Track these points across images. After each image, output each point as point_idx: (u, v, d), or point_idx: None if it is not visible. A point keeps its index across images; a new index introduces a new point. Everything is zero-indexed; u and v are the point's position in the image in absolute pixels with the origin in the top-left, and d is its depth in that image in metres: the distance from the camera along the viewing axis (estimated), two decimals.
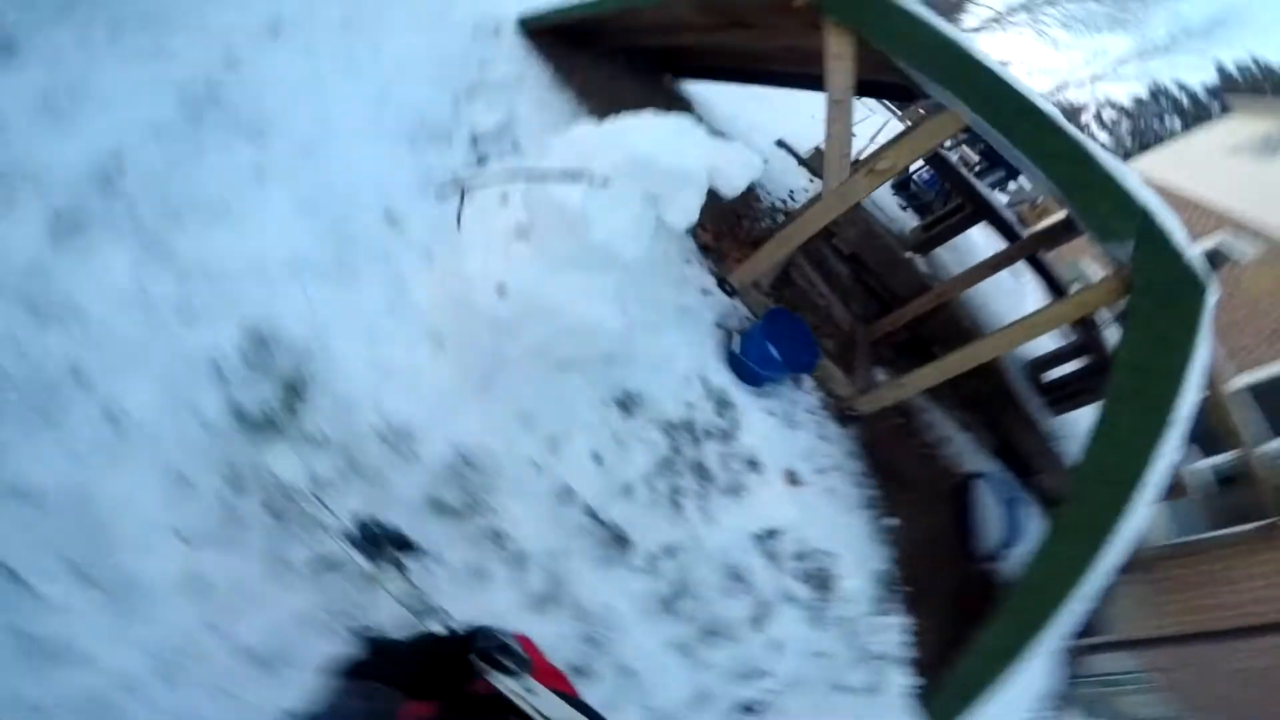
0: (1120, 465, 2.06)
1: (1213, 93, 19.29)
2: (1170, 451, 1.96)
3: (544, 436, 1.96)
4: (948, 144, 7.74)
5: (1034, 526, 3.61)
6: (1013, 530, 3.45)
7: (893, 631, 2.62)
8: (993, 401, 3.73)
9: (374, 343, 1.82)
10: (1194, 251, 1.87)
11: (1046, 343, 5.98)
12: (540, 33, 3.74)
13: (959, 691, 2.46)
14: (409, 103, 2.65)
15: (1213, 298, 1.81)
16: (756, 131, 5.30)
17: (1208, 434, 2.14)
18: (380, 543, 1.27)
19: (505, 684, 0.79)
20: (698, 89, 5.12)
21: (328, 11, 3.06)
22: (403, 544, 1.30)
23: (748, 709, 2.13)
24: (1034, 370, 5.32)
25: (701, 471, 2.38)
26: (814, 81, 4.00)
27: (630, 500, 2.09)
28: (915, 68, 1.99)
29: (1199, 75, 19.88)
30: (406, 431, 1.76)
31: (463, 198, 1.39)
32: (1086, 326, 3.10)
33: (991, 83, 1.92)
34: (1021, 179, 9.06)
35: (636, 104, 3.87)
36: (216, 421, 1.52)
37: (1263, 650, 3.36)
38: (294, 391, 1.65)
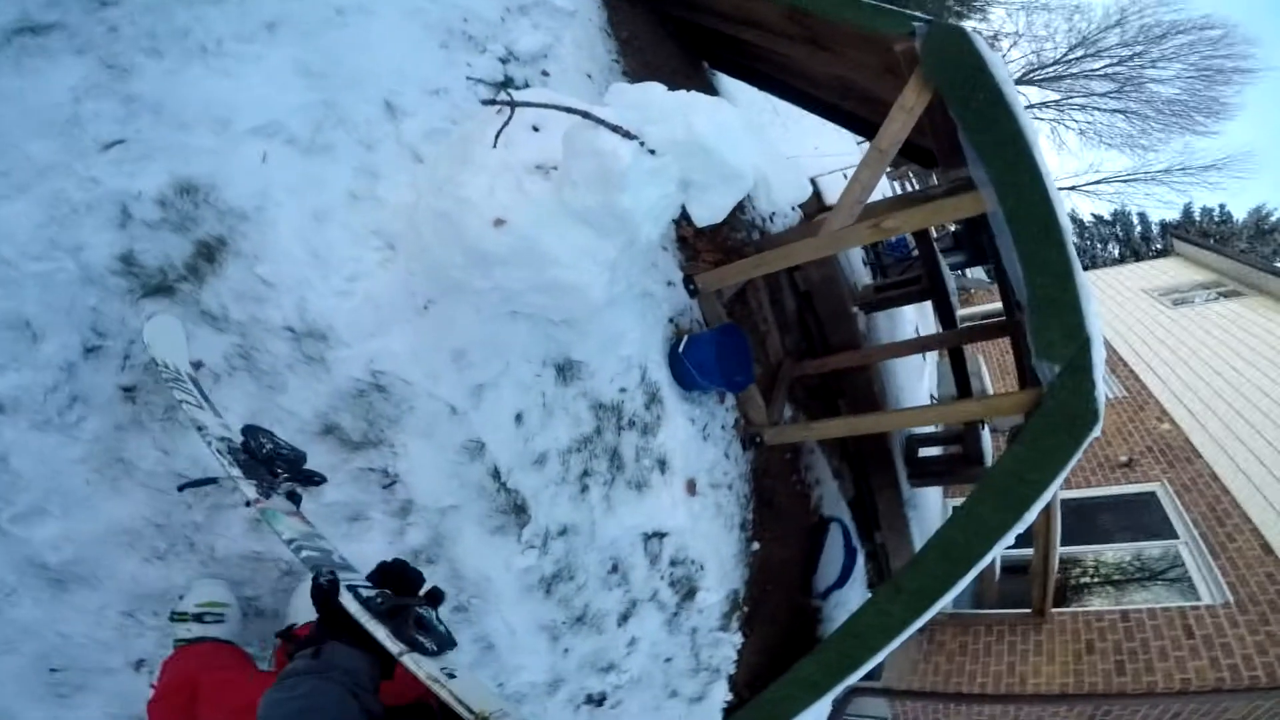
0: (966, 547, 2.35)
1: (1165, 230, 19.78)
2: (1005, 544, 2.30)
3: (471, 382, 1.81)
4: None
5: (860, 576, 4.14)
6: (845, 575, 3.90)
7: (727, 647, 2.83)
8: (870, 459, 4.16)
9: (320, 225, 1.58)
10: (1102, 390, 2.08)
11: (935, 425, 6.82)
12: None
13: (763, 714, 2.69)
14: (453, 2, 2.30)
15: (1097, 433, 2.07)
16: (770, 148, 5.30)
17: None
18: (270, 463, 1.07)
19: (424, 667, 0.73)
20: (727, 83, 5.01)
21: None
22: (300, 472, 1.10)
23: (594, 700, 2.18)
24: (911, 443, 6.03)
25: (615, 459, 2.37)
26: (850, 119, 4.15)
27: (541, 471, 2.02)
28: (974, 144, 2.04)
29: (1165, 212, 20.22)
30: (321, 334, 1.53)
31: (511, 114, 1.20)
32: (971, 423, 3.55)
33: (1036, 184, 1.99)
34: (976, 270, 9.75)
35: (672, 75, 3.74)
36: (99, 268, 1.24)
37: (983, 717, 4.15)
38: (206, 254, 1.39)
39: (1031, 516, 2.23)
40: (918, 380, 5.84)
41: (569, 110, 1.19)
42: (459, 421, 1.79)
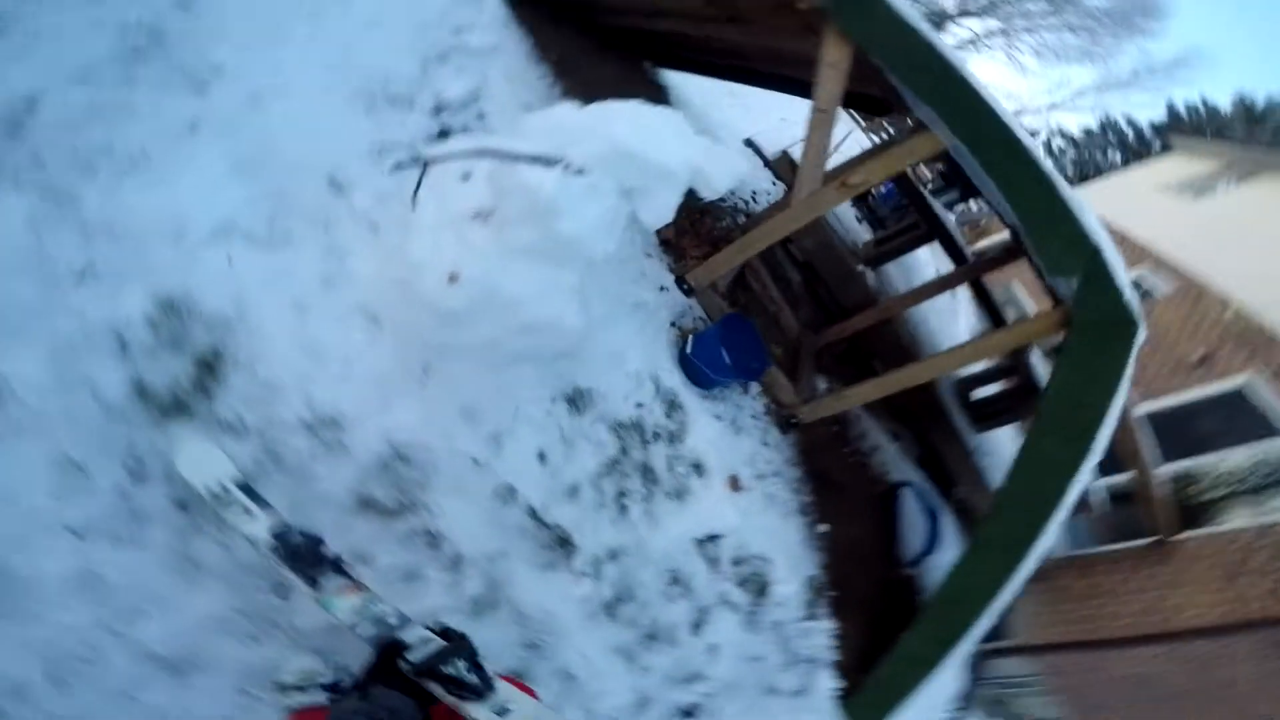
0: (1041, 489, 2.26)
1: (1158, 130, 20.43)
2: (1086, 476, 2.18)
3: (486, 433, 1.90)
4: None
5: (951, 536, 3.96)
6: (932, 539, 3.74)
7: (820, 635, 2.75)
8: (922, 415, 4.02)
9: (304, 318, 1.70)
10: (1132, 292, 2.03)
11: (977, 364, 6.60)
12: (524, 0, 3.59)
13: (879, 695, 2.64)
14: (373, 63, 2.50)
15: (1141, 336, 1.99)
16: (726, 129, 5.36)
17: (1109, 455, 2.41)
18: (302, 555, 1.19)
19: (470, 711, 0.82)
20: (675, 79, 5.13)
21: None
22: (322, 559, 1.21)
23: (686, 713, 2.18)
24: (962, 388, 5.82)
25: (648, 474, 2.40)
26: (792, 85, 4.16)
27: (575, 502, 2.08)
28: (908, 86, 2.05)
29: (1149, 112, 21.26)
30: (335, 421, 1.65)
31: (423, 172, 1.28)
32: (1015, 352, 3.41)
33: (980, 110, 1.99)
34: (973, 202, 9.68)
35: (613, 86, 3.88)
36: (117, 401, 1.38)
37: (1143, 659, 3.83)
38: (208, 369, 1.52)
39: (1102, 441, 2.12)
40: (952, 322, 5.64)
41: (481, 153, 1.24)
42: (484, 472, 1.88)
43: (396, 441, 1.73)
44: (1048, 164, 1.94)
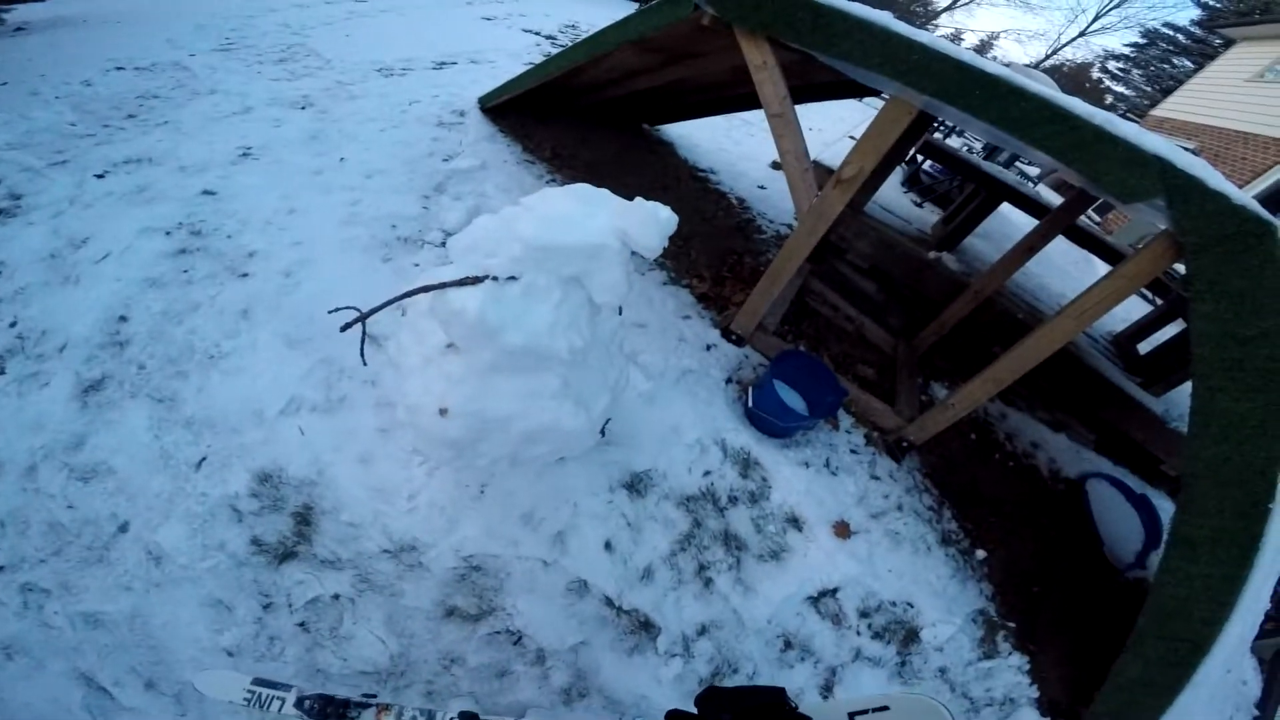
0: (1239, 458, 1.90)
1: (1202, 26, 20.73)
2: None
3: (548, 534, 2.16)
4: (941, 133, 7.72)
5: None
6: (1151, 532, 3.17)
7: (1007, 673, 2.50)
8: (1080, 393, 3.48)
9: (369, 467, 2.14)
10: (1241, 194, 1.75)
11: (1129, 312, 5.65)
12: (502, 110, 4.18)
13: None
14: (379, 210, 3.15)
15: None
16: (748, 160, 5.54)
17: None
18: (326, 711, 1.51)
19: None
20: (675, 130, 5.50)
21: (293, 129, 3.78)
22: (342, 705, 1.53)
23: None
24: (1122, 346, 4.96)
25: (732, 541, 2.46)
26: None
27: (651, 584, 2.21)
28: (838, 60, 2.04)
29: (1181, 14, 21.60)
30: (411, 546, 2.04)
31: (364, 331, 1.55)
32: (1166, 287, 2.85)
33: (927, 58, 1.93)
34: None
35: (614, 160, 4.26)
36: (242, 553, 1.92)
37: None
38: (304, 521, 2.02)
39: None
40: (1080, 281, 4.88)
41: (412, 294, 1.44)
42: (554, 570, 2.12)
43: (467, 555, 2.06)
44: (1046, 91, 1.78)
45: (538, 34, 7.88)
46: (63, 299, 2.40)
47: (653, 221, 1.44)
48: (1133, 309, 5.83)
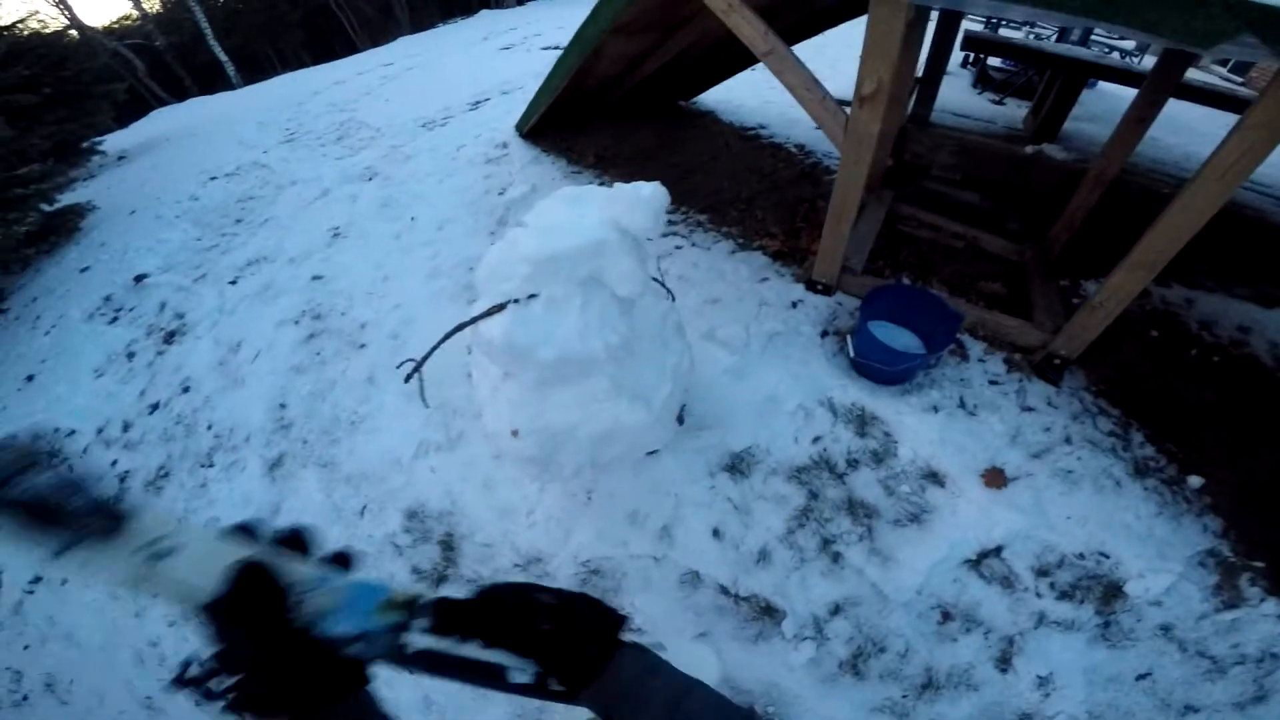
0: None
1: None
2: None
3: (654, 529, 2.29)
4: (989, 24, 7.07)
5: None
6: None
7: (1262, 624, 2.15)
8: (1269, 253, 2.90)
9: (492, 492, 2.48)
10: None
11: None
12: (539, 130, 4.50)
13: None
14: (456, 259, 3.56)
15: None
16: (796, 106, 5.27)
17: None
18: None
19: None
20: (712, 97, 5.56)
21: (367, 202, 4.38)
22: None
23: None
24: None
25: (858, 508, 2.39)
26: (796, 33, 4.13)
27: (768, 566, 2.24)
28: None
29: None
30: (537, 558, 2.30)
31: (420, 374, 1.71)
32: None
33: None
34: None
35: (658, 145, 4.35)
36: (406, 582, 2.34)
37: None
38: (449, 547, 2.40)
39: None
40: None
41: (450, 336, 1.60)
42: (665, 565, 2.24)
43: (585, 560, 2.27)
44: None
45: (556, 48, 8.21)
46: (237, 398, 3.10)
47: (639, 202, 1.51)
48: None
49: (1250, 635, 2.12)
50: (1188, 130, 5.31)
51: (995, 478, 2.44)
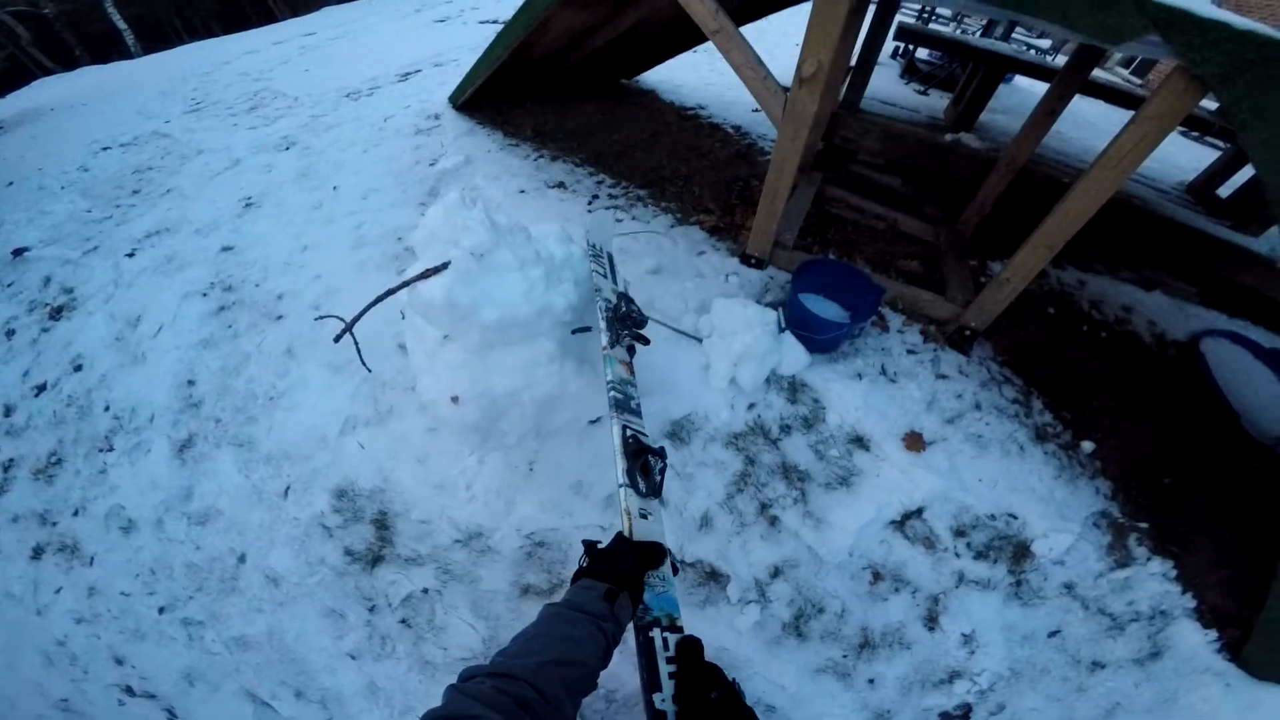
0: None
1: None
2: None
3: (599, 498, 2.24)
4: (921, 17, 7.71)
5: None
6: None
7: (1150, 582, 2.34)
8: (1162, 245, 3.24)
9: (426, 465, 2.33)
10: (1241, 19, 1.67)
11: (1199, 161, 5.51)
12: (474, 103, 4.31)
13: None
14: (383, 229, 3.36)
15: None
16: (737, 87, 5.41)
17: None
18: (625, 322, 1.72)
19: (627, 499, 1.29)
20: (655, 76, 5.57)
21: (284, 171, 4.06)
22: (638, 332, 1.75)
23: (950, 717, 2.10)
24: (1199, 193, 4.83)
25: (792, 473, 2.44)
26: (745, 14, 4.17)
27: (711, 531, 2.25)
28: None
29: None
30: (477, 532, 2.19)
31: (354, 338, 1.61)
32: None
33: None
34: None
35: (598, 121, 4.30)
36: (339, 564, 2.20)
37: None
38: (383, 525, 2.26)
39: None
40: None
41: (384, 298, 1.51)
42: (611, 534, 2.20)
43: (529, 532, 2.19)
44: None
45: (495, 22, 7.94)
46: (138, 376, 2.80)
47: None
48: (1202, 156, 5.82)
49: (1142, 593, 2.30)
50: (1090, 125, 5.78)
51: (915, 442, 2.55)
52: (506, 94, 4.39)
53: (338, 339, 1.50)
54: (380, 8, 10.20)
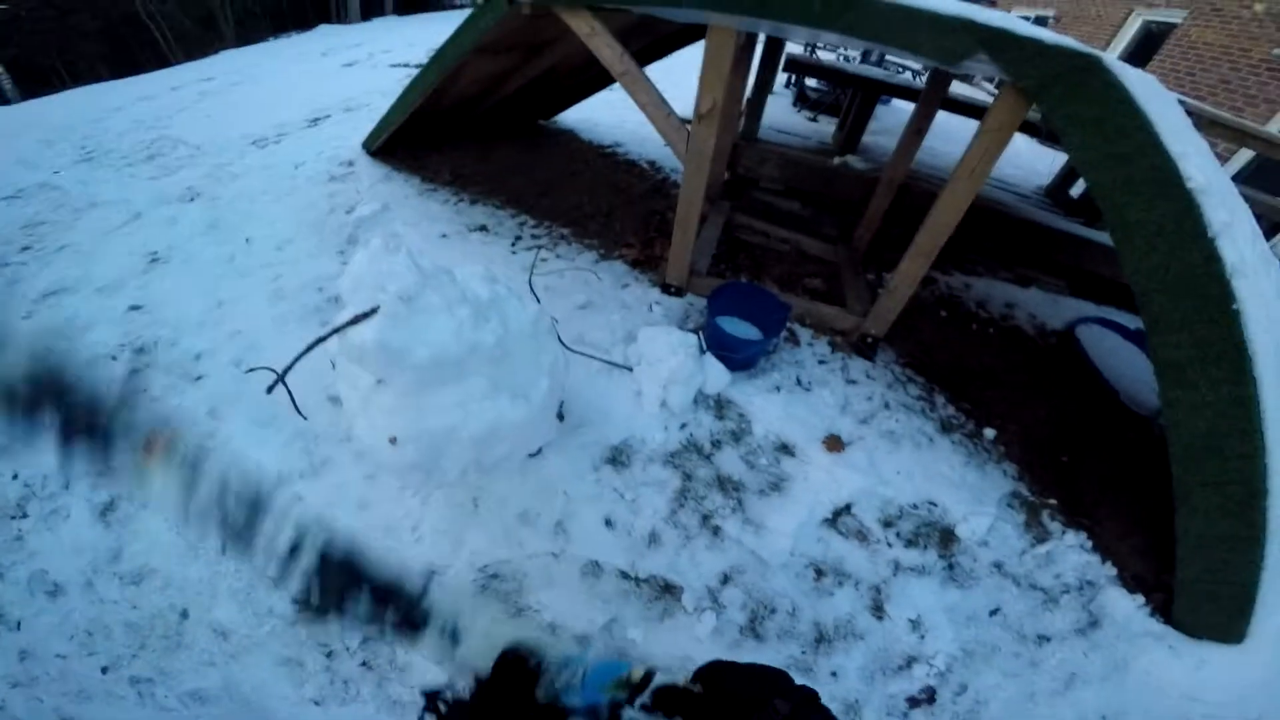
0: (1172, 264, 1.93)
1: None
2: (1227, 208, 1.87)
3: (548, 526, 2.26)
4: (808, 48, 8.46)
5: None
6: None
7: (1071, 554, 2.52)
8: (1027, 245, 3.67)
9: (368, 510, 2.27)
10: (1055, 36, 1.94)
11: (1052, 166, 6.14)
12: (389, 148, 4.30)
13: (1207, 594, 2.20)
14: (302, 280, 3.26)
15: (1117, 63, 1.87)
16: (648, 125, 5.71)
17: None
18: None
19: None
20: (573, 116, 5.72)
21: (190, 224, 3.86)
22: None
23: (921, 700, 2.15)
24: (1055, 195, 5.42)
25: (728, 484, 2.55)
26: (648, 55, 4.44)
27: (659, 547, 2.31)
28: (652, 7, 2.22)
29: None
30: (432, 571, 2.12)
31: (286, 387, 1.59)
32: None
33: None
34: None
35: (517, 163, 4.38)
36: (288, 614, 2.08)
37: None
38: None
39: (1193, 179, 1.86)
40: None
41: (314, 345, 1.52)
42: (564, 559, 2.22)
43: (481, 566, 2.17)
44: None
45: (406, 65, 7.91)
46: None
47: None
48: (1057, 161, 6.36)
49: (1065, 565, 2.45)
50: (958, 139, 6.30)
51: (834, 444, 2.73)
52: (422, 139, 4.40)
53: (270, 389, 1.47)
54: (282, 51, 9.89)
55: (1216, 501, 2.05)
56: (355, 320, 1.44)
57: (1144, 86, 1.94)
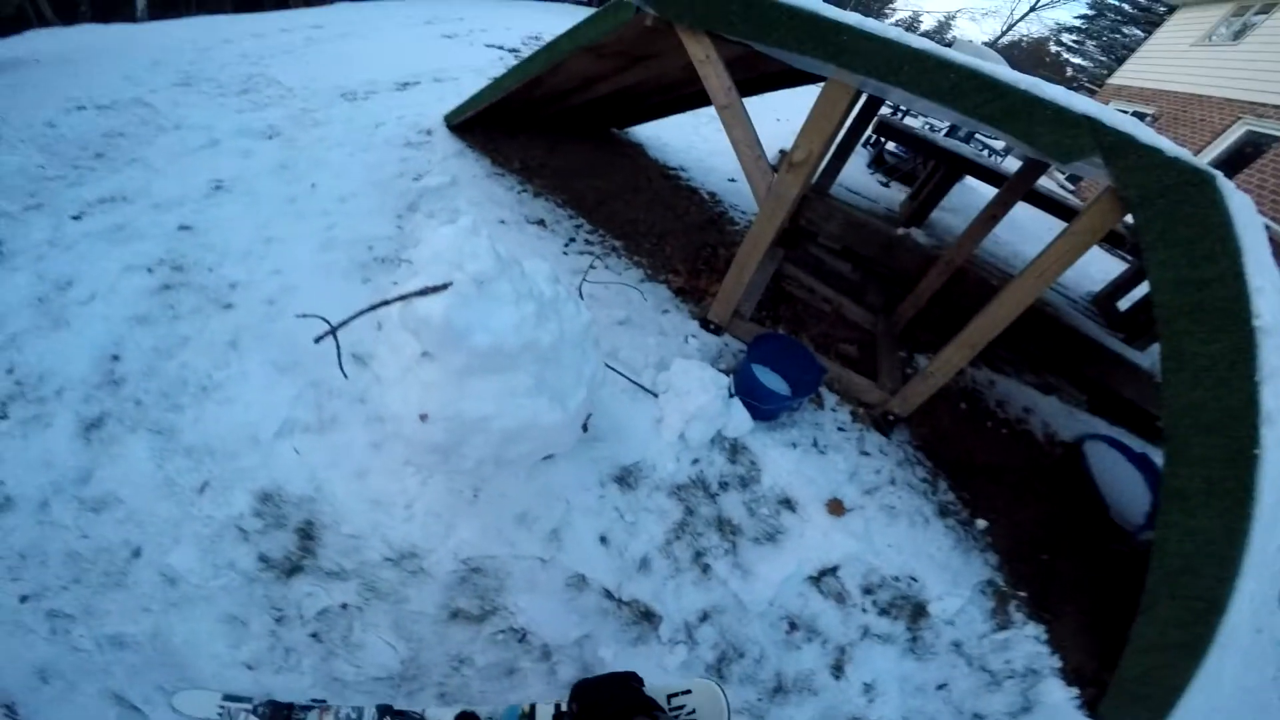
0: (1210, 403, 1.96)
1: None
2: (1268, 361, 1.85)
3: (543, 532, 2.26)
4: (898, 112, 8.37)
5: None
6: (1158, 491, 3.28)
7: (1025, 643, 2.56)
8: (1064, 352, 3.64)
9: (365, 480, 2.25)
10: (1175, 147, 1.90)
11: (1107, 272, 6.02)
12: (468, 126, 4.33)
13: (1136, 694, 2.30)
14: (355, 233, 3.28)
15: (1229, 185, 1.83)
16: (718, 155, 5.76)
17: None
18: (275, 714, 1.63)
19: None
20: (644, 131, 5.76)
21: (262, 159, 3.90)
22: (287, 709, 1.65)
23: None
24: (1102, 304, 5.21)
25: (726, 526, 2.55)
26: (745, 89, 4.46)
27: (648, 574, 2.30)
28: (774, 48, 2.20)
29: None
30: (412, 553, 2.13)
31: (337, 343, 1.58)
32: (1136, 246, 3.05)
33: (854, 38, 2.07)
34: None
35: (583, 166, 4.42)
36: (251, 570, 2.03)
37: None
38: (307, 535, 2.13)
39: (1261, 316, 1.83)
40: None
41: (380, 306, 1.51)
42: (552, 567, 2.22)
43: (466, 558, 2.15)
44: (972, 61, 1.93)
45: (501, 48, 8.06)
46: (55, 342, 2.50)
47: None
48: (1111, 269, 6.18)
49: (1017, 653, 2.50)
50: (1020, 228, 6.04)
51: (836, 507, 2.73)
52: (500, 124, 4.45)
53: (319, 339, 1.48)
54: (393, 12, 10.05)
55: (1177, 613, 2.14)
56: (426, 291, 1.45)
57: (1244, 212, 1.91)
